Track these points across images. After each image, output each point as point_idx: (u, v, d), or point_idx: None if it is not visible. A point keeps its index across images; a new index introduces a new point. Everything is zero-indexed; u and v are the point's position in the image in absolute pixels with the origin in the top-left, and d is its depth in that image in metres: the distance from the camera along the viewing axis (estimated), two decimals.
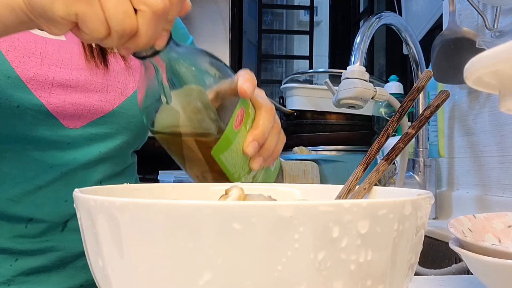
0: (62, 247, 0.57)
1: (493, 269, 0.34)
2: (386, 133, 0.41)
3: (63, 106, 0.55)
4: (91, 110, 0.57)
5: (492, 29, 0.83)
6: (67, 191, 0.56)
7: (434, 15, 1.44)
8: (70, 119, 0.56)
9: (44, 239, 0.56)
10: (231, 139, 0.44)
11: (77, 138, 0.57)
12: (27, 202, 0.55)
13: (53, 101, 0.54)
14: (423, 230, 0.26)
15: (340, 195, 0.39)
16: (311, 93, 1.39)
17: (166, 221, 0.22)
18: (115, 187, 0.34)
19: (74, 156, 0.57)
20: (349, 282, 0.23)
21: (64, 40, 0.57)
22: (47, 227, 0.56)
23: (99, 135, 0.58)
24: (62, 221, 0.57)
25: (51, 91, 0.54)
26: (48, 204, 0.56)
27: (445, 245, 0.80)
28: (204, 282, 0.22)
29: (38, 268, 0.56)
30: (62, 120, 0.55)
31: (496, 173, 0.83)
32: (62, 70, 0.56)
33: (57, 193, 0.56)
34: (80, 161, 0.57)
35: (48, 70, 0.54)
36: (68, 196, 0.57)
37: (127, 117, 0.60)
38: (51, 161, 0.56)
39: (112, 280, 0.24)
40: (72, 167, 0.57)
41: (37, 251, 0.56)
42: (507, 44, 0.21)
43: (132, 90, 0.60)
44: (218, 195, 0.34)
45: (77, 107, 0.56)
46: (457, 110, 0.96)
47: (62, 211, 0.57)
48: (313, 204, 0.21)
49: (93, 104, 0.57)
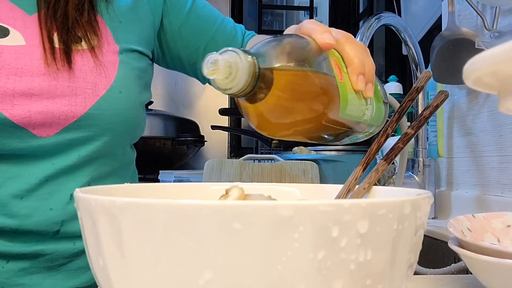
0: (54, 250, 0.56)
1: (492, 268, 0.34)
2: (385, 133, 0.41)
3: (30, 116, 0.52)
4: (61, 116, 0.54)
5: (491, 29, 0.83)
6: (51, 199, 0.55)
7: (433, 16, 1.44)
8: (41, 128, 0.53)
9: (34, 244, 0.55)
10: (346, 92, 0.39)
11: (53, 145, 0.55)
12: (10, 214, 0.53)
13: (17, 112, 0.52)
14: (423, 229, 0.26)
15: (339, 195, 0.39)
16: None
17: (167, 220, 0.22)
18: (115, 186, 0.35)
19: (53, 162, 0.55)
20: (349, 281, 0.23)
21: (23, 45, 0.54)
22: (36, 235, 0.55)
23: (76, 140, 0.56)
24: (51, 230, 0.55)
25: (13, 103, 0.52)
26: (33, 214, 0.54)
27: (444, 244, 0.80)
28: (205, 282, 0.22)
29: (30, 270, 0.55)
30: (32, 130, 0.53)
31: (495, 173, 0.83)
32: (23, 78, 0.53)
33: (41, 202, 0.55)
34: (59, 167, 0.55)
35: (7, 81, 0.52)
36: (53, 204, 0.55)
37: (105, 118, 0.57)
38: (28, 170, 0.54)
39: (112, 279, 0.24)
40: (51, 173, 0.55)
41: (27, 254, 0.55)
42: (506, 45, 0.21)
43: (104, 89, 0.57)
44: (218, 195, 0.34)
45: (45, 115, 0.53)
46: (456, 110, 0.96)
47: (48, 220, 0.55)
48: (313, 204, 0.22)
49: (62, 110, 0.54)
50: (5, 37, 0.54)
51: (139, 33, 0.65)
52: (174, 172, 1.39)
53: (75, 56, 0.56)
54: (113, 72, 0.58)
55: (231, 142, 2.29)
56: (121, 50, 0.61)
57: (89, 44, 0.58)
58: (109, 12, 0.62)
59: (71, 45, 0.56)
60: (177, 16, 0.69)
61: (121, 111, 0.58)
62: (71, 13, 0.57)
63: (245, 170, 1.14)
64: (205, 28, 0.71)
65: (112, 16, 0.62)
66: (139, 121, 0.64)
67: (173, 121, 1.86)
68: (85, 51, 0.57)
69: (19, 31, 0.55)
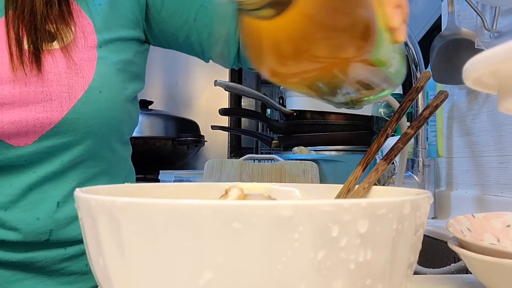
0: (43, 257, 0.54)
1: (491, 268, 0.34)
2: (385, 133, 0.41)
3: (2, 127, 0.49)
4: (36, 124, 0.50)
5: (491, 29, 0.83)
6: (37, 208, 0.53)
7: (433, 16, 1.44)
8: (16, 137, 0.50)
9: (23, 252, 0.53)
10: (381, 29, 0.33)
11: (33, 154, 0.51)
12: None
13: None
14: (422, 229, 0.26)
15: (339, 194, 0.39)
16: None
17: (167, 220, 0.22)
18: (116, 186, 0.35)
19: (34, 170, 0.52)
20: (349, 281, 0.23)
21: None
22: (24, 245, 0.53)
23: (57, 146, 0.52)
24: (39, 240, 0.53)
25: None
26: (19, 226, 0.52)
27: (444, 244, 0.80)
28: (205, 282, 0.22)
29: (21, 276, 0.53)
30: (7, 140, 0.50)
31: (494, 173, 0.83)
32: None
33: (26, 213, 0.52)
34: (41, 174, 0.52)
35: None
36: (40, 213, 0.53)
37: (84, 121, 0.52)
38: (10, 180, 0.52)
39: (113, 279, 0.24)
40: (34, 182, 0.52)
41: (17, 263, 0.53)
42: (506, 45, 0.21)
43: (82, 90, 0.52)
44: (218, 195, 0.34)
45: (19, 125, 0.50)
46: (456, 110, 0.96)
47: (36, 231, 0.53)
48: (312, 204, 0.22)
49: (37, 117, 0.50)
50: None
51: (123, 14, 0.59)
52: (174, 172, 1.39)
53: (47, 58, 0.52)
54: (90, 71, 0.53)
55: (231, 142, 2.29)
56: (100, 43, 0.56)
57: (62, 42, 0.53)
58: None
59: (40, 46, 0.52)
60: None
61: (102, 112, 0.54)
62: (39, 8, 0.52)
63: (245, 170, 1.14)
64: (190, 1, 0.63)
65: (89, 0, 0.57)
66: (125, 118, 0.59)
67: (173, 121, 1.86)
68: (57, 50, 0.53)
69: None
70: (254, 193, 0.34)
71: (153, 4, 0.62)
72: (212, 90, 2.14)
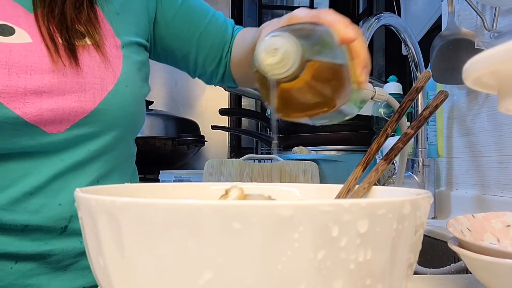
0: (60, 250, 0.56)
1: (491, 268, 0.34)
2: (385, 133, 0.41)
3: (41, 114, 0.52)
4: (71, 112, 0.54)
5: (491, 29, 0.83)
6: (60, 195, 0.55)
7: (433, 16, 1.44)
8: (52, 125, 0.53)
9: (42, 243, 0.55)
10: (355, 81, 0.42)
11: (63, 141, 0.55)
12: (19, 210, 0.53)
13: (29, 110, 0.52)
14: (422, 229, 0.26)
15: (339, 194, 0.39)
16: None
17: (167, 220, 0.22)
18: (116, 186, 0.35)
19: (61, 158, 0.55)
20: (349, 281, 0.23)
21: (30, 42, 0.54)
22: (44, 232, 0.55)
23: (85, 136, 0.56)
24: (59, 226, 0.56)
25: (25, 101, 0.52)
26: (42, 210, 0.54)
27: (444, 244, 0.80)
28: (205, 281, 0.22)
29: (38, 271, 0.55)
30: (43, 127, 0.53)
31: (494, 173, 0.83)
32: (33, 76, 0.52)
33: (50, 198, 0.55)
34: (68, 163, 0.55)
35: (17, 80, 0.52)
36: (62, 199, 0.55)
37: (113, 112, 0.57)
38: (38, 167, 0.54)
39: (113, 279, 0.24)
40: (60, 170, 0.55)
41: (35, 255, 0.55)
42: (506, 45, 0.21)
43: (112, 83, 0.57)
44: (218, 195, 0.34)
45: (56, 112, 0.53)
46: (456, 110, 0.96)
47: (57, 216, 0.55)
48: (312, 204, 0.22)
49: (72, 106, 0.54)
50: (12, 35, 0.54)
51: (136, 23, 0.65)
52: (174, 172, 1.39)
53: (81, 52, 0.56)
54: (118, 67, 0.59)
55: (231, 142, 2.29)
56: (122, 44, 0.61)
57: (93, 39, 0.58)
58: (107, 5, 0.62)
59: (74, 41, 0.56)
60: (171, 6, 0.69)
61: (126, 105, 0.59)
62: (68, 12, 0.57)
63: (245, 170, 1.14)
64: (197, 20, 0.70)
65: (109, 9, 0.62)
66: (142, 114, 0.64)
67: (173, 121, 1.86)
68: (90, 46, 0.57)
69: (23, 28, 0.55)
70: (254, 193, 0.34)
71: (162, 20, 0.69)
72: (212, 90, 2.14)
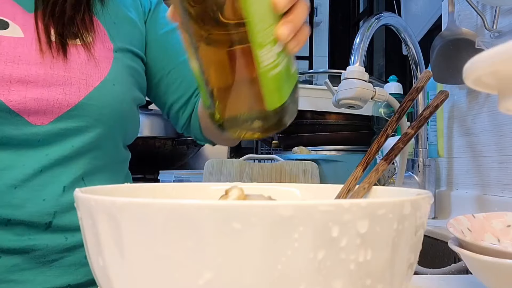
0: (45, 245, 0.56)
1: (492, 268, 0.34)
2: (385, 133, 0.41)
3: (25, 102, 0.54)
4: (55, 104, 0.55)
5: (491, 29, 0.83)
6: (44, 190, 0.56)
7: (433, 16, 1.44)
8: (35, 115, 0.55)
9: (26, 238, 0.55)
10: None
11: (47, 134, 0.56)
12: (2, 204, 0.54)
13: (13, 98, 0.53)
14: (422, 229, 0.26)
15: (339, 194, 0.39)
16: (311, 93, 1.39)
17: (167, 220, 0.22)
18: (115, 186, 0.35)
19: (46, 152, 0.56)
20: (349, 281, 0.23)
21: (22, 37, 0.57)
22: (27, 227, 0.55)
23: (70, 130, 0.57)
24: (43, 222, 0.56)
25: (10, 88, 0.53)
26: (26, 205, 0.55)
27: (444, 244, 0.80)
28: (205, 282, 0.22)
29: (22, 266, 0.55)
30: (27, 117, 0.54)
31: (495, 173, 0.83)
32: (20, 66, 0.55)
33: (34, 193, 0.55)
34: (53, 157, 0.56)
35: (4, 67, 0.54)
36: (46, 195, 0.56)
37: (97, 109, 0.58)
38: (22, 160, 0.55)
39: (112, 279, 0.24)
40: (45, 164, 0.56)
41: (19, 249, 0.55)
42: (506, 45, 0.21)
43: (98, 80, 0.59)
44: (218, 195, 0.34)
45: (40, 103, 0.55)
46: (456, 110, 0.96)
47: (41, 211, 0.55)
48: (312, 204, 0.22)
49: (56, 98, 0.55)
50: (5, 30, 0.56)
51: (132, 35, 0.68)
52: (174, 172, 1.39)
53: (71, 49, 0.58)
54: (107, 66, 0.60)
55: None
56: (115, 48, 0.63)
57: (83, 40, 0.60)
58: (104, 14, 0.65)
59: (66, 38, 0.58)
60: (153, 30, 0.71)
61: (113, 103, 0.60)
62: (68, 11, 0.59)
63: (245, 170, 1.14)
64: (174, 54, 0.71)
65: (106, 17, 0.65)
66: (132, 116, 0.65)
67: None
68: (80, 46, 0.60)
69: (18, 25, 0.57)
70: (254, 193, 0.34)
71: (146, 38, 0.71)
72: None
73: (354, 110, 0.89)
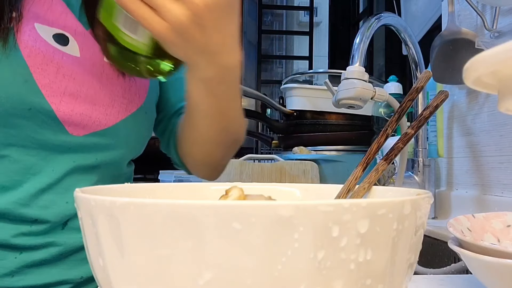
0: (63, 242, 0.59)
1: (492, 268, 0.34)
2: (385, 133, 0.41)
3: (71, 114, 0.58)
4: (96, 121, 0.60)
5: (491, 29, 0.83)
6: (67, 193, 0.60)
7: (433, 16, 1.44)
8: (75, 127, 0.59)
9: (46, 236, 0.59)
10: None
11: (78, 144, 0.60)
12: (33, 205, 0.58)
13: (62, 108, 0.57)
14: (422, 229, 0.26)
15: (339, 194, 0.39)
16: (311, 93, 1.40)
17: (166, 221, 0.22)
18: (115, 186, 0.35)
19: (74, 159, 0.60)
20: (349, 281, 0.23)
21: (78, 56, 0.60)
22: (49, 226, 0.59)
23: (99, 145, 0.61)
24: (63, 221, 0.60)
25: (62, 99, 0.58)
26: (51, 206, 0.58)
27: (444, 244, 0.80)
28: (205, 282, 0.22)
29: (40, 261, 0.58)
30: (67, 127, 0.58)
31: (495, 173, 0.83)
32: (75, 81, 0.59)
33: (59, 195, 0.59)
34: (78, 165, 0.60)
35: (62, 79, 0.58)
36: (68, 197, 0.60)
37: (127, 131, 0.63)
38: (52, 165, 0.59)
39: (112, 279, 0.24)
40: (70, 170, 0.60)
41: (39, 246, 0.58)
42: (506, 45, 0.21)
43: (135, 107, 0.64)
44: (218, 195, 0.34)
45: (84, 117, 0.59)
46: (456, 110, 0.96)
47: (63, 212, 0.59)
48: (313, 204, 0.22)
49: (98, 117, 0.60)
50: (65, 46, 0.60)
51: None
52: (174, 172, 1.39)
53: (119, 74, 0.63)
54: (143, 94, 0.65)
55: None
56: None
57: None
58: None
59: None
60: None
61: (141, 129, 0.66)
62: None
63: (245, 170, 1.14)
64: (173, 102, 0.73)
65: None
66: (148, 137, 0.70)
67: None
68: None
69: (76, 41, 0.61)
70: (254, 193, 0.34)
71: None
72: None
73: (354, 110, 0.89)
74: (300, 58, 3.69)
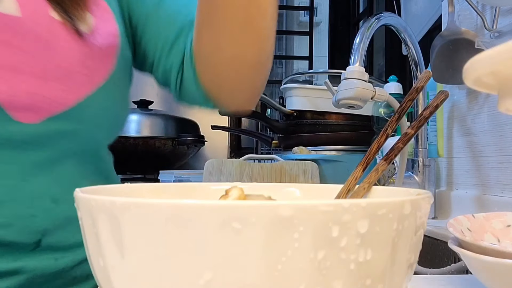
0: (33, 267, 0.47)
1: (492, 268, 0.34)
2: (385, 133, 0.41)
3: (15, 95, 0.43)
4: (50, 101, 0.45)
5: (491, 29, 0.83)
6: (32, 202, 0.46)
7: (433, 16, 1.44)
8: (24, 111, 0.44)
9: (10, 259, 0.46)
10: None
11: (33, 135, 0.45)
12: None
13: (2, 88, 0.43)
14: (423, 229, 0.26)
15: (339, 194, 0.39)
16: (311, 93, 1.40)
17: (167, 220, 0.22)
18: (115, 186, 0.35)
19: (30, 155, 0.46)
20: (349, 281, 0.23)
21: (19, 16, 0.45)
22: (14, 247, 0.46)
23: (61, 133, 0.47)
24: (32, 241, 0.46)
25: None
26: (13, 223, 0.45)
27: (444, 244, 0.80)
28: (205, 282, 0.22)
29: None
30: (13, 112, 0.44)
31: (495, 173, 0.83)
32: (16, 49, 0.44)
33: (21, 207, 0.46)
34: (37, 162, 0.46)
35: None
36: (35, 210, 0.46)
37: (95, 110, 0.49)
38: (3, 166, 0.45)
39: (113, 280, 0.24)
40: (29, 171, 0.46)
41: (5, 273, 0.46)
42: (506, 45, 0.21)
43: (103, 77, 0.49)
44: (218, 195, 0.34)
45: (33, 97, 0.44)
46: (456, 110, 0.96)
47: (31, 228, 0.46)
48: (312, 204, 0.22)
49: (52, 95, 0.45)
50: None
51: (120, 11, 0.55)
52: (174, 172, 1.39)
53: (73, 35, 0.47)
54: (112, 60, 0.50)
55: (231, 142, 2.29)
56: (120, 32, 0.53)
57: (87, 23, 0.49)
58: None
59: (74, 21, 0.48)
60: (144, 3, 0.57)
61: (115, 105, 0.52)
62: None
63: (245, 170, 1.14)
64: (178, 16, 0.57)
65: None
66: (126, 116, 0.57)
67: (173, 121, 1.86)
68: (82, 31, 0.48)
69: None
70: (254, 193, 0.34)
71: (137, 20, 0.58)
72: None
73: (354, 110, 0.89)
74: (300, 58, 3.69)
